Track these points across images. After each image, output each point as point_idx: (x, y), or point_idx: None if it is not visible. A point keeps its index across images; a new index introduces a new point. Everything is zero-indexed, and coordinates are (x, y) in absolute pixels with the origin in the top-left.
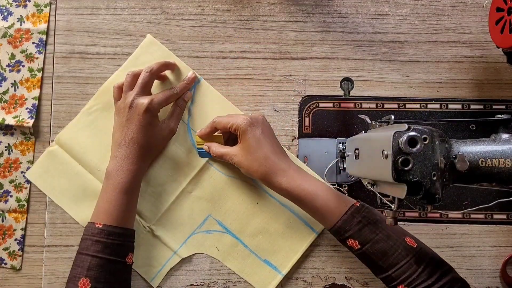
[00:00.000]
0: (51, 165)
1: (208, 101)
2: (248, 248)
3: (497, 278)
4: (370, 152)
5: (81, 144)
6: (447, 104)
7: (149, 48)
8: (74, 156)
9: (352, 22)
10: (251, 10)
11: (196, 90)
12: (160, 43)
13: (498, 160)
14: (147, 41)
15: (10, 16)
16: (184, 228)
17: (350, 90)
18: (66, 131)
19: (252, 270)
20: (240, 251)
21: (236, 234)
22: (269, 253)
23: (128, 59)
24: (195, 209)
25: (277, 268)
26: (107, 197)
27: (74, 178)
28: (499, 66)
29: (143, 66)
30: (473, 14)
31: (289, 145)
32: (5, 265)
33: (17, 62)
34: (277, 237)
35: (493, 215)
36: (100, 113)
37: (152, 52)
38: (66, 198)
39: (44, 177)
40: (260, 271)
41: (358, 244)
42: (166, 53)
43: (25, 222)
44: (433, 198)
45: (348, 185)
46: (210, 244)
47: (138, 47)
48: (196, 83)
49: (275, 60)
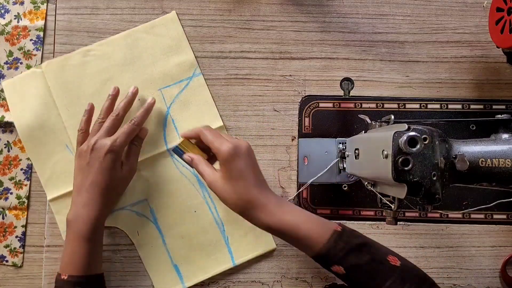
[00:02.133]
0: (29, 84)
1: (195, 97)
2: (166, 246)
3: (497, 278)
4: (370, 152)
5: (64, 78)
6: (447, 104)
7: (169, 23)
8: (52, 87)
9: (352, 22)
10: (251, 10)
11: (191, 82)
12: (180, 25)
13: (498, 160)
14: (170, 16)
15: (7, 13)
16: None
17: (350, 90)
18: (56, 61)
19: (159, 268)
20: (157, 245)
21: (161, 229)
22: (182, 260)
23: (144, 24)
24: (136, 188)
25: (182, 278)
26: (70, 247)
27: (41, 107)
28: (499, 66)
29: (154, 36)
30: (473, 14)
31: (289, 145)
32: (6, 262)
33: (15, 60)
34: (197, 249)
35: (493, 215)
36: (95, 59)
37: (169, 28)
38: (25, 120)
39: (17, 92)
40: (165, 273)
41: (343, 270)
42: (181, 35)
43: (26, 219)
44: (433, 198)
45: (348, 185)
46: (133, 225)
47: (160, 18)
48: (194, 76)
49: (275, 60)
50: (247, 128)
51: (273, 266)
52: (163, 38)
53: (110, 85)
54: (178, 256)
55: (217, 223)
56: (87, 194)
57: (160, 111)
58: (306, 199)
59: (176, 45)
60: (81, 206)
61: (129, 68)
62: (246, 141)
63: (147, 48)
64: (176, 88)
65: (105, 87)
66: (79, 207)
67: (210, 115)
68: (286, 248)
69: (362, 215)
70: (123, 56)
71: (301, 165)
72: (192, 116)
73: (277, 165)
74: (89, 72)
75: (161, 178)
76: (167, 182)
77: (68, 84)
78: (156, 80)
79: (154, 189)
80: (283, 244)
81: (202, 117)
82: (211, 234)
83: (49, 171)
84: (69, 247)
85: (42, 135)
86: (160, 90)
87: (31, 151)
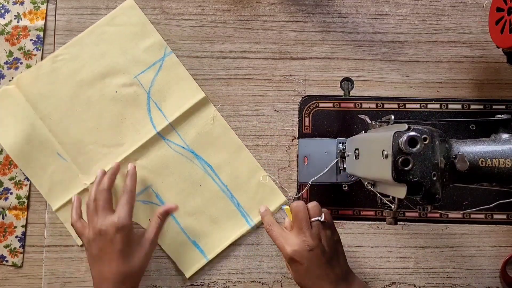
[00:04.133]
0: (4, 103)
1: (172, 76)
2: (180, 226)
3: (497, 278)
4: (370, 152)
5: (39, 89)
6: (447, 104)
7: (128, 11)
8: (29, 100)
9: (352, 22)
10: (251, 10)
11: (164, 62)
12: (140, 10)
13: (498, 160)
14: (127, 4)
15: (7, 13)
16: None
17: (350, 90)
18: (26, 74)
19: (179, 248)
20: (171, 227)
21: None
22: (199, 235)
23: (104, 17)
24: (138, 178)
25: (203, 251)
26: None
27: (23, 122)
28: (499, 66)
29: (117, 26)
30: (473, 14)
31: (289, 145)
32: (6, 262)
33: (15, 60)
34: (210, 222)
35: (493, 215)
36: (65, 63)
37: (130, 16)
38: (10, 139)
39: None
40: (186, 251)
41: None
42: (143, 19)
43: (26, 220)
44: (433, 198)
45: (348, 185)
46: (143, 214)
47: (117, 8)
48: (166, 56)
49: (275, 60)
50: (247, 128)
51: (273, 266)
52: (126, 26)
53: (85, 85)
54: (194, 232)
55: (224, 192)
56: (108, 284)
57: (141, 98)
58: (306, 199)
59: (141, 30)
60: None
61: (100, 63)
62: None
63: (113, 40)
64: (151, 71)
65: (81, 89)
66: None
67: (190, 89)
68: None
69: (362, 215)
70: (91, 54)
71: (301, 165)
72: (173, 95)
73: (277, 165)
74: (62, 77)
75: (159, 161)
76: (165, 164)
77: (45, 93)
78: (130, 68)
79: (154, 174)
80: None
81: (183, 93)
82: (221, 203)
83: (47, 183)
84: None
85: (31, 149)
86: (136, 77)
87: (25, 167)
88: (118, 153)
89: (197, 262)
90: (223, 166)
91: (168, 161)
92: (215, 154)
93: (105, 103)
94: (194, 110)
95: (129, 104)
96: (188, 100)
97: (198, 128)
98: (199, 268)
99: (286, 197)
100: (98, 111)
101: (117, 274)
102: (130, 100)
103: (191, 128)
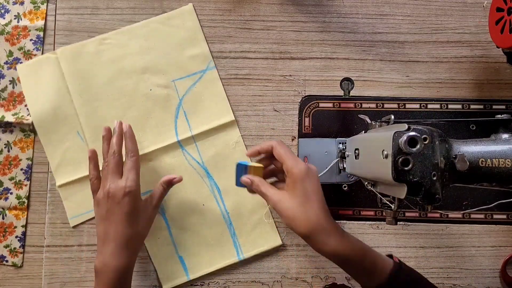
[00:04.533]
0: (43, 69)
1: (208, 91)
2: (172, 237)
3: (497, 278)
4: (370, 152)
5: (78, 66)
6: (447, 104)
7: (185, 15)
8: (67, 74)
9: (352, 22)
10: (251, 10)
11: (205, 75)
12: (196, 17)
13: (498, 160)
14: (187, 8)
15: (7, 13)
16: None
17: (350, 90)
18: (71, 48)
19: (165, 259)
20: (163, 236)
21: (168, 220)
22: (187, 252)
23: (161, 15)
24: (145, 178)
25: (187, 269)
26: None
27: (55, 93)
28: (499, 66)
29: (170, 27)
30: (473, 14)
31: (289, 145)
32: (6, 262)
33: (15, 59)
34: (202, 243)
35: (493, 215)
36: (111, 48)
37: (185, 20)
38: (38, 105)
39: (31, 76)
40: (170, 264)
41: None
42: (196, 28)
43: (26, 219)
44: (433, 198)
45: (348, 185)
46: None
47: (176, 9)
48: (208, 69)
49: (275, 60)
50: (247, 128)
51: (273, 266)
52: (178, 29)
53: (124, 74)
54: (184, 248)
55: (224, 218)
56: (113, 243)
57: (172, 103)
58: None
59: (191, 37)
60: (108, 255)
61: (143, 58)
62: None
63: (163, 39)
64: (189, 80)
65: (119, 77)
66: (106, 256)
67: (222, 109)
68: (286, 248)
69: (362, 215)
70: (138, 46)
71: None
72: (204, 109)
73: None
74: (104, 60)
75: (171, 169)
76: (177, 173)
77: (82, 71)
78: (170, 71)
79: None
80: (283, 244)
81: (214, 110)
82: (218, 228)
83: (59, 157)
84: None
85: (54, 120)
86: (173, 82)
87: (43, 136)
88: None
89: (178, 277)
90: (231, 192)
91: (180, 172)
92: (227, 179)
93: (137, 97)
94: (219, 130)
95: (159, 105)
96: (217, 118)
97: (218, 148)
98: (177, 285)
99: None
100: (128, 102)
101: (122, 235)
102: (161, 101)
103: (211, 146)
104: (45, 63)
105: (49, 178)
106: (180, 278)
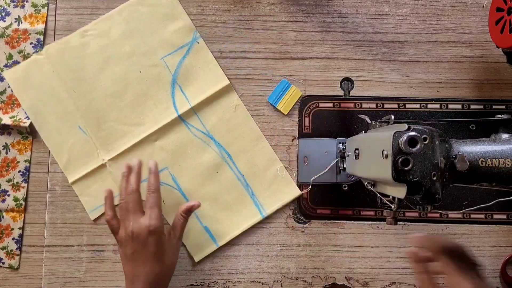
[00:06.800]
0: (33, 72)
1: (199, 61)
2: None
3: (497, 278)
4: (370, 152)
5: (66, 61)
6: (447, 104)
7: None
8: (56, 72)
9: (352, 22)
10: (251, 10)
11: (193, 46)
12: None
13: (498, 160)
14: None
15: (8, 16)
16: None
17: (350, 90)
18: (55, 45)
19: (190, 232)
20: None
21: (186, 194)
22: (211, 221)
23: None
24: (155, 158)
25: (214, 238)
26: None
27: (49, 92)
28: (499, 66)
29: (148, 6)
30: (473, 14)
31: (289, 145)
32: (3, 264)
33: (15, 62)
34: (223, 209)
35: (493, 215)
36: (94, 38)
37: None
38: (35, 108)
39: (20, 81)
40: (197, 236)
41: None
42: (174, 1)
43: (23, 221)
44: (433, 198)
45: (348, 185)
46: None
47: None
48: (194, 40)
49: (275, 60)
50: None
51: (273, 266)
52: (156, 7)
53: (112, 62)
54: (206, 218)
55: (239, 180)
56: (143, 283)
57: (166, 80)
58: (306, 199)
59: (171, 12)
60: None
61: (128, 42)
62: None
63: (143, 20)
64: (178, 54)
65: (108, 65)
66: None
67: (216, 76)
68: (286, 248)
69: (362, 215)
70: (121, 31)
71: (301, 165)
72: (198, 80)
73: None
74: (90, 52)
75: (177, 144)
76: (184, 147)
77: (71, 66)
78: (157, 50)
79: (172, 157)
80: (283, 244)
81: (208, 79)
82: (236, 191)
83: (66, 155)
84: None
85: (54, 120)
86: (163, 59)
87: (46, 137)
88: (138, 132)
89: (207, 247)
90: (241, 154)
91: (187, 145)
92: (234, 142)
93: (130, 82)
94: (217, 97)
95: (153, 84)
96: (212, 86)
97: (220, 114)
98: (208, 254)
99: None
100: (122, 88)
101: (151, 274)
102: (154, 81)
103: (212, 114)
104: (34, 66)
105: (49, 178)
106: (210, 247)
